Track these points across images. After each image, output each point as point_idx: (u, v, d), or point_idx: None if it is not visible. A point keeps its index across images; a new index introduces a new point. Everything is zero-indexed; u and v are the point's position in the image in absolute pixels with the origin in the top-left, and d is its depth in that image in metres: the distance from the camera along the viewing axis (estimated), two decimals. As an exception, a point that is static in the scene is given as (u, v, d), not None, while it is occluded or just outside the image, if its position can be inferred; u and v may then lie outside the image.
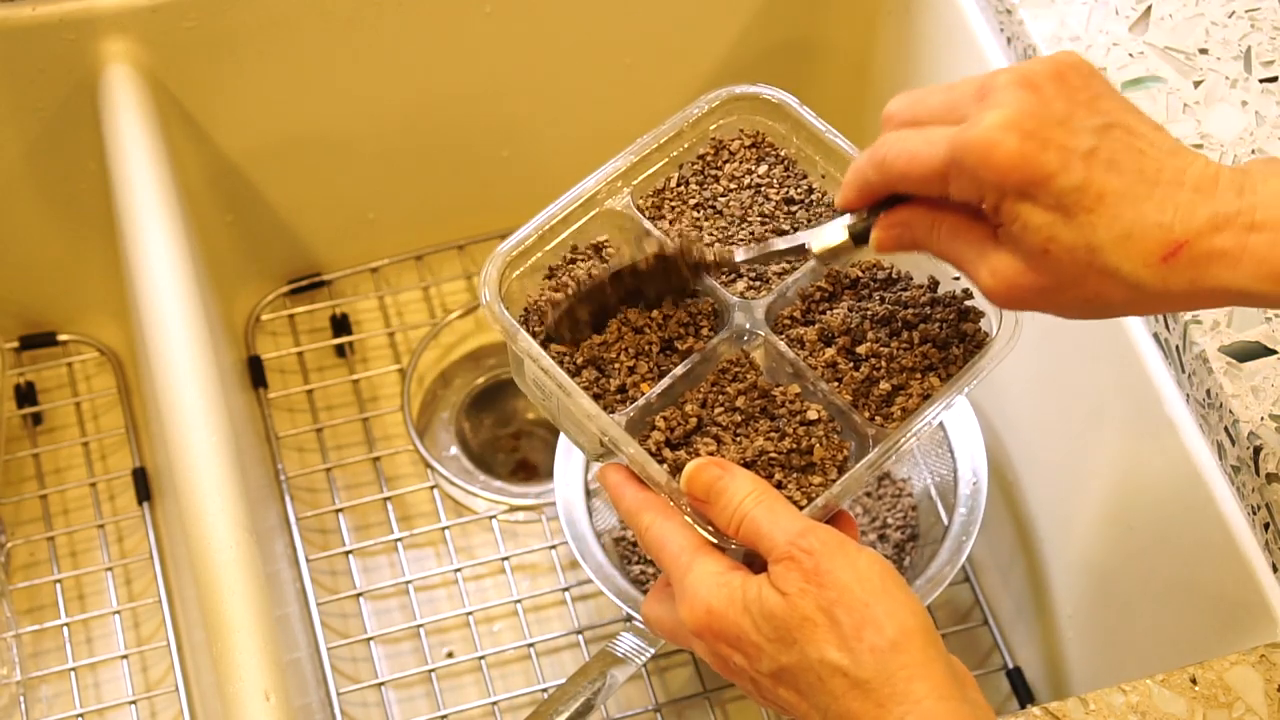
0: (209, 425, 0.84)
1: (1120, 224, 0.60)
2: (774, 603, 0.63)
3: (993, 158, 0.60)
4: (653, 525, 0.69)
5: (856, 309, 0.75)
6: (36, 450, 1.14)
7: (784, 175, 0.79)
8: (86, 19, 0.97)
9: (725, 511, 0.66)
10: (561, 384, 0.71)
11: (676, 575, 0.67)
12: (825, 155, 0.78)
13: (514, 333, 0.73)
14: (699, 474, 0.67)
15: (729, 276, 0.75)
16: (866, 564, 0.63)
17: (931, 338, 0.74)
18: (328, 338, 1.20)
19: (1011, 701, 1.04)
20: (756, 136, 0.80)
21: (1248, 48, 0.91)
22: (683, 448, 0.71)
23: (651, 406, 0.72)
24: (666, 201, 0.78)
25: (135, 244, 0.91)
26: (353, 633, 1.07)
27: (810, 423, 0.71)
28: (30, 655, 1.06)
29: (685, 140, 0.79)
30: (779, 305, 0.75)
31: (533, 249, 0.75)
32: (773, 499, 0.66)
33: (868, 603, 0.61)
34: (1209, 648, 0.81)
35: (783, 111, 0.79)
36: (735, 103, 0.79)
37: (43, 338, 1.18)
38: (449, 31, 1.07)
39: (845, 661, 0.61)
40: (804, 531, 0.64)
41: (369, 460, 1.14)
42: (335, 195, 1.17)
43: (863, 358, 0.73)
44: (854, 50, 1.15)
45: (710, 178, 0.79)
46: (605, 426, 0.70)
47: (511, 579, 1.09)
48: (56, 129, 1.03)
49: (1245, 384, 0.79)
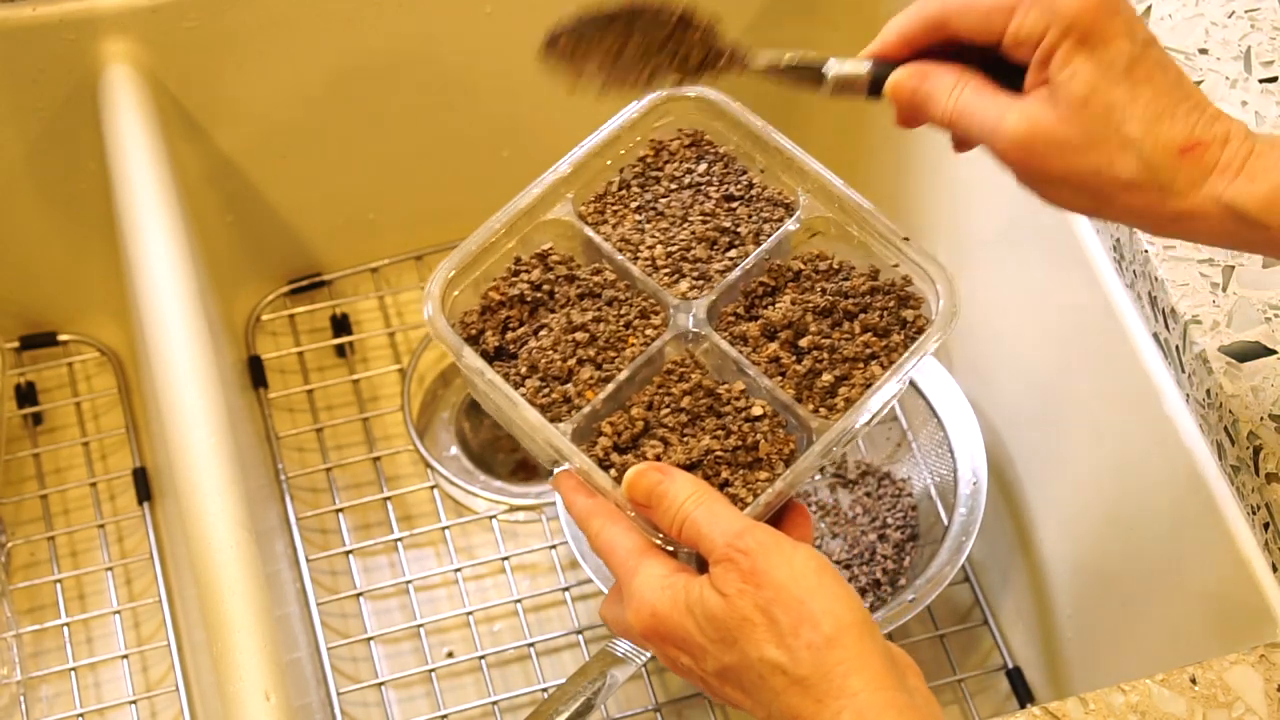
0: (209, 425, 0.84)
1: (1157, 106, 0.65)
2: (714, 604, 0.64)
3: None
4: (602, 530, 0.70)
5: (799, 302, 0.75)
6: (37, 450, 1.14)
7: (724, 172, 0.80)
8: (86, 19, 0.97)
9: (667, 515, 0.68)
10: (508, 396, 0.72)
11: (624, 579, 0.69)
12: (763, 151, 0.79)
13: (459, 349, 0.73)
14: (639, 480, 0.69)
15: (717, 70, 0.75)
16: (802, 562, 0.64)
17: (872, 326, 0.74)
18: (328, 338, 1.20)
19: (1011, 701, 1.04)
20: (695, 135, 0.81)
21: (1248, 48, 0.91)
22: (631, 451, 0.71)
23: (598, 412, 0.72)
24: (609, 206, 0.79)
25: (135, 244, 0.91)
26: (353, 633, 1.07)
27: (755, 419, 0.72)
28: (30, 655, 1.06)
29: (624, 144, 0.80)
30: (721, 303, 0.75)
31: (477, 262, 0.76)
32: (712, 500, 0.67)
33: (803, 600, 0.62)
34: (1209, 648, 0.81)
35: (718, 109, 0.80)
36: (672, 103, 0.80)
37: (43, 338, 1.18)
38: (449, 31, 1.07)
39: (784, 659, 0.62)
40: (741, 532, 0.65)
41: (369, 460, 1.14)
42: (335, 195, 1.17)
43: (805, 350, 0.74)
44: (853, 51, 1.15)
45: (651, 179, 0.79)
46: (551, 437, 0.71)
47: (511, 579, 1.09)
48: (57, 129, 1.03)
49: (1245, 384, 0.79)
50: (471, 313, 0.76)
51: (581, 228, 0.77)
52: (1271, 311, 0.81)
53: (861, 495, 1.09)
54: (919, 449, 1.07)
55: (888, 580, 1.03)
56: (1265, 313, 0.81)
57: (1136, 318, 0.87)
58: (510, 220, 0.76)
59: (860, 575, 1.01)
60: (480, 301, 0.76)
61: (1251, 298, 0.82)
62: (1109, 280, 0.88)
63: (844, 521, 1.07)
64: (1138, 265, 0.85)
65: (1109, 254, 0.88)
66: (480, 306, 0.76)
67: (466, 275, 0.76)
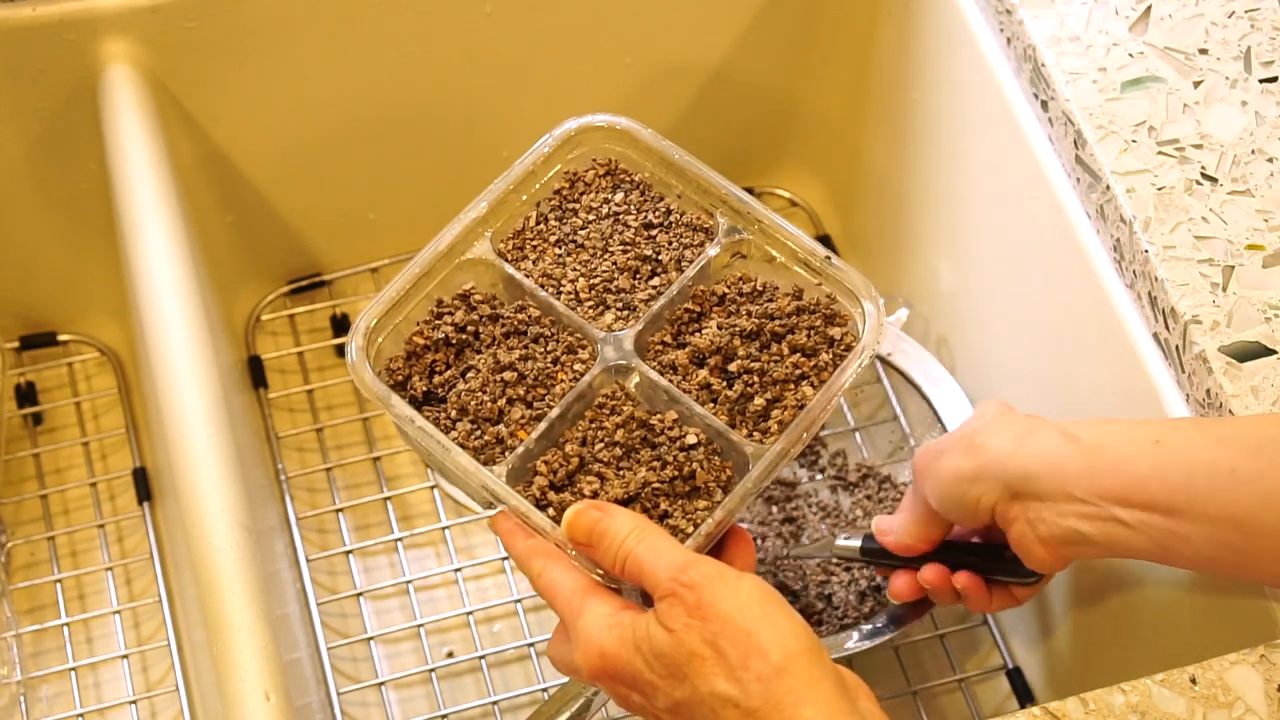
0: (209, 425, 0.84)
1: None
2: (662, 640, 0.64)
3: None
4: (544, 571, 0.70)
5: (725, 326, 0.75)
6: (37, 450, 1.14)
7: (641, 200, 0.79)
8: (87, 19, 0.97)
9: (609, 553, 0.68)
10: (439, 442, 0.72)
11: (569, 620, 0.69)
12: (678, 176, 0.79)
13: (385, 398, 0.73)
14: (578, 519, 0.69)
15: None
16: (747, 592, 0.64)
17: (800, 347, 0.74)
18: (328, 338, 1.20)
19: (1011, 701, 1.04)
20: (609, 164, 0.80)
21: (1247, 48, 0.91)
22: (567, 489, 0.71)
23: (532, 452, 0.72)
24: (528, 242, 0.78)
25: (135, 244, 0.91)
26: (353, 633, 1.07)
27: (690, 447, 0.72)
28: (30, 655, 1.06)
29: (539, 178, 0.79)
30: (648, 332, 0.75)
31: (398, 308, 0.76)
32: (654, 535, 0.67)
33: (750, 631, 0.62)
34: (1209, 648, 0.81)
35: (630, 137, 0.79)
36: (584, 134, 0.80)
37: (43, 338, 1.18)
38: (449, 31, 1.07)
39: (734, 692, 0.62)
40: (684, 565, 0.65)
41: (369, 460, 1.14)
42: (335, 195, 1.17)
43: (735, 375, 0.73)
44: (854, 51, 1.15)
45: (569, 211, 0.79)
46: (486, 480, 0.71)
47: (511, 579, 1.09)
48: (57, 129, 1.03)
49: (1245, 384, 0.79)
50: (397, 359, 0.75)
51: (502, 265, 0.77)
52: (1271, 311, 0.81)
53: (862, 498, 1.08)
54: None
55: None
56: (1265, 313, 0.81)
57: (1136, 318, 0.87)
58: (429, 263, 0.76)
59: (860, 579, 1.01)
60: (405, 347, 0.75)
61: (1251, 298, 0.82)
62: (1109, 280, 0.88)
63: (846, 524, 1.07)
64: (1138, 265, 0.85)
65: (1109, 254, 0.88)
66: (405, 352, 0.75)
67: (389, 322, 0.75)
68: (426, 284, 0.76)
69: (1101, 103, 0.89)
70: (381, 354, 0.75)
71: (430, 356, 0.75)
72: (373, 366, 0.74)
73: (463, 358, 0.75)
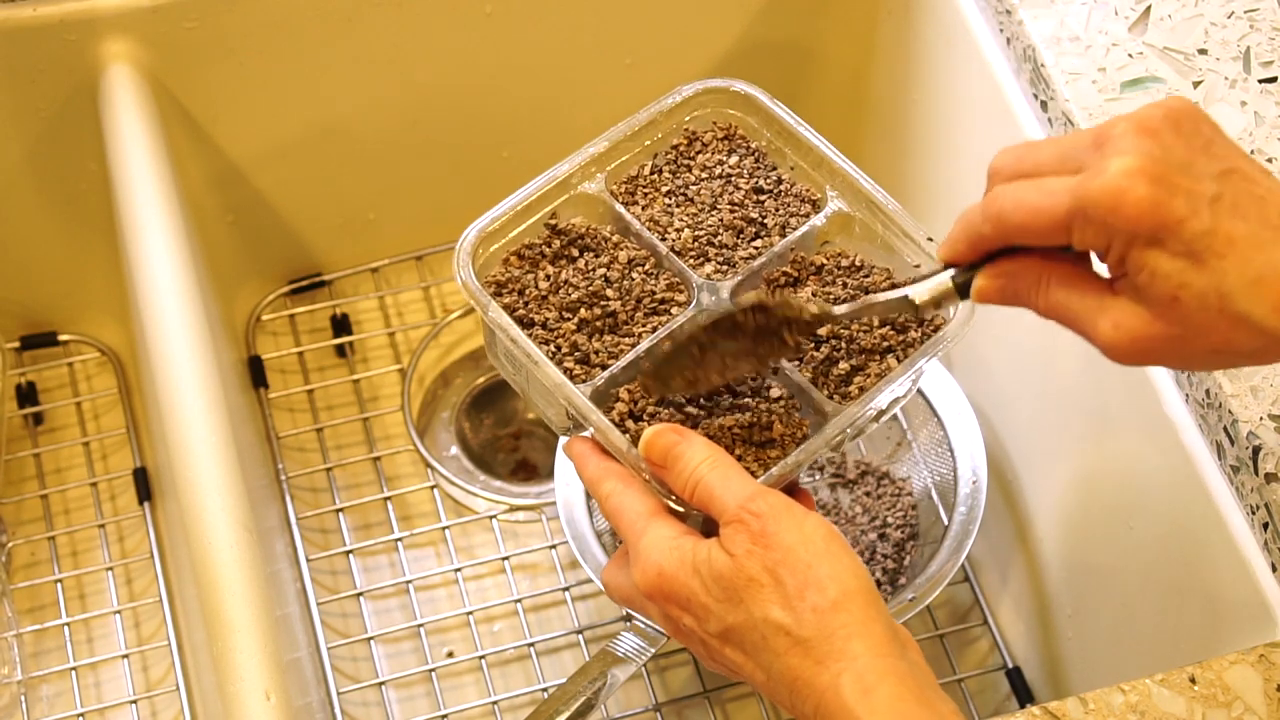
0: (209, 425, 0.84)
1: (1251, 268, 0.59)
2: (722, 563, 0.65)
3: (1123, 205, 0.59)
4: (613, 493, 0.71)
5: (820, 293, 0.76)
6: (37, 450, 1.14)
7: (754, 166, 0.81)
8: (87, 19, 0.97)
9: (681, 476, 0.68)
10: (530, 354, 0.73)
11: (632, 540, 0.69)
12: (795, 148, 0.80)
13: (486, 304, 0.74)
14: (656, 439, 0.69)
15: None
16: (812, 527, 0.64)
17: (890, 321, 0.75)
18: (328, 338, 1.20)
19: (1011, 701, 1.04)
20: (729, 129, 0.82)
21: (1247, 48, 0.91)
22: (645, 420, 0.72)
23: (616, 378, 0.73)
24: (640, 188, 0.80)
25: (136, 244, 0.91)
26: (353, 632, 1.07)
27: (772, 400, 0.73)
28: (31, 655, 1.06)
29: (659, 130, 0.81)
30: (744, 287, 0.76)
31: (507, 227, 0.77)
32: (726, 465, 0.68)
33: (811, 564, 0.63)
34: (1209, 648, 0.81)
35: (754, 105, 0.81)
36: (709, 95, 0.81)
37: (43, 338, 1.18)
38: (449, 31, 1.07)
39: (788, 620, 0.62)
40: (753, 495, 0.66)
41: (369, 460, 1.15)
42: (335, 195, 1.17)
43: (823, 339, 0.75)
44: (853, 51, 1.16)
45: (683, 167, 0.81)
46: (570, 396, 0.72)
47: (511, 579, 1.09)
48: (57, 129, 1.03)
49: (1245, 384, 0.79)
50: (498, 273, 0.77)
51: (612, 204, 0.79)
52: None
53: (861, 495, 1.09)
54: (919, 448, 1.07)
55: (887, 579, 1.03)
56: (1265, 313, 0.81)
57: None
58: (543, 188, 0.77)
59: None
60: (508, 263, 0.77)
61: (1251, 298, 0.82)
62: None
63: (844, 521, 1.07)
64: (1137, 265, 0.85)
65: (1109, 254, 0.88)
66: (505, 269, 0.77)
67: (496, 238, 0.77)
68: (538, 208, 0.78)
69: (1101, 103, 0.89)
70: (484, 267, 0.77)
71: (529, 276, 0.76)
72: (477, 276, 0.75)
73: (561, 282, 0.76)
